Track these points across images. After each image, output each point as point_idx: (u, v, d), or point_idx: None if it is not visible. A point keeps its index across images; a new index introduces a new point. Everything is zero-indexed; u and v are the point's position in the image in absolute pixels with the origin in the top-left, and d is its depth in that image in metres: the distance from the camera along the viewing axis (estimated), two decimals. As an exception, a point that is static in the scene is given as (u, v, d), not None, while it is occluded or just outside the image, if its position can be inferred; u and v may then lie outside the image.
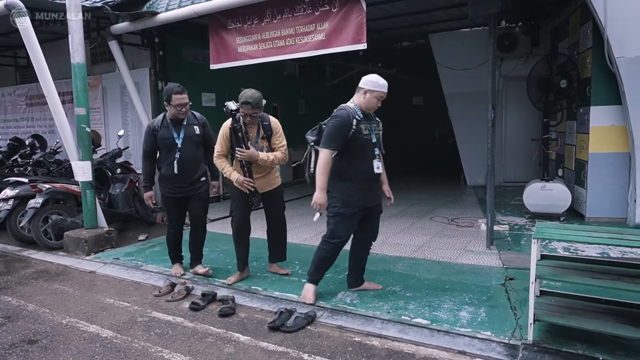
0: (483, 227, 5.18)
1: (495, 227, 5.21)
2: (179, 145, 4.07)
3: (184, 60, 7.34)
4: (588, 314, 2.80)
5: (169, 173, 4.09)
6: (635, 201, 5.06)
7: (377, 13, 7.09)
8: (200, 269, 4.32)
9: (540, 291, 3.10)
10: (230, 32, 5.67)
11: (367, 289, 3.75)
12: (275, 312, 3.35)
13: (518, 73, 7.88)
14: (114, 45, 6.39)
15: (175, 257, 4.46)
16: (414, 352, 2.84)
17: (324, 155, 3.30)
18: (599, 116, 5.41)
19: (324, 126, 3.44)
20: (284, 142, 4.01)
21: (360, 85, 3.40)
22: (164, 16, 5.82)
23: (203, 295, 3.72)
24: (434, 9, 7.34)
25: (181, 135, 4.09)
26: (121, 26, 6.15)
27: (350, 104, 3.43)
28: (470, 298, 3.51)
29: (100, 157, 6.35)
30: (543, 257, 3.09)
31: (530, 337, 2.77)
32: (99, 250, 5.21)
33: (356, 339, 3.04)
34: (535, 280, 2.77)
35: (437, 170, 11.36)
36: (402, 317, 3.24)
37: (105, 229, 5.41)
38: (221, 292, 3.83)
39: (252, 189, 3.86)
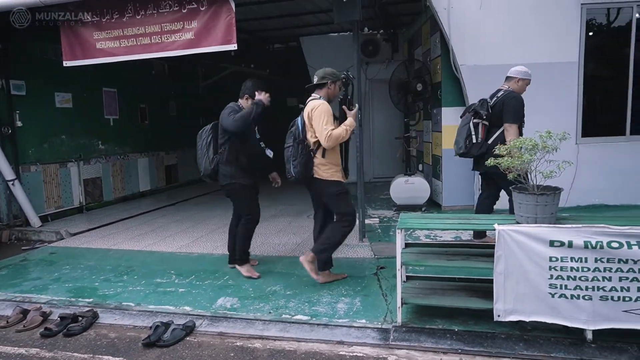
0: (356, 221, 5.49)
1: (367, 221, 5.58)
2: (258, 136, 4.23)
3: (33, 55, 6.46)
4: (446, 292, 3.16)
5: (254, 161, 4.07)
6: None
7: (247, 14, 7.08)
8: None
9: (407, 276, 3.41)
10: (86, 26, 5.15)
11: None
12: (150, 327, 3.14)
13: (382, 77, 8.52)
14: None
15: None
16: (296, 349, 2.89)
17: (516, 130, 3.89)
18: (449, 116, 6.12)
19: (486, 101, 4.06)
20: None
21: (512, 75, 4.10)
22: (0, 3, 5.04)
23: (61, 318, 3.32)
24: (303, 13, 7.57)
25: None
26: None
27: (507, 88, 4.07)
28: (346, 290, 3.70)
29: None
30: (407, 245, 3.39)
31: (399, 319, 3.02)
32: None
33: (238, 343, 3.00)
34: (401, 267, 3.03)
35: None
36: (283, 315, 3.28)
37: None
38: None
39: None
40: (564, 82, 5.67)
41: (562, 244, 2.61)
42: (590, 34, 5.81)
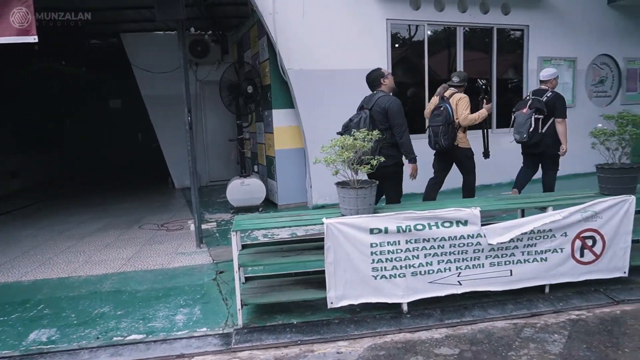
0: (192, 227, 5.31)
1: (204, 226, 5.44)
2: None
3: None
4: (283, 288, 3.27)
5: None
6: (311, 187, 6.20)
7: (51, 4, 6.22)
8: None
9: (245, 278, 3.43)
10: None
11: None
12: None
13: (212, 78, 8.37)
14: None
15: None
16: (130, 372, 2.67)
17: (565, 122, 5.02)
18: (280, 118, 6.35)
19: (541, 99, 4.99)
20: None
21: (548, 78, 5.14)
22: None
23: None
24: (124, 7, 7.00)
25: None
26: None
27: (549, 88, 5.10)
28: (185, 300, 3.54)
29: None
30: (245, 246, 3.41)
31: (240, 321, 3.02)
32: None
33: (58, 380, 2.63)
34: (239, 268, 3.03)
35: (144, 176, 10.95)
36: (114, 338, 2.98)
37: None
38: None
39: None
40: (376, 87, 6.37)
41: (379, 230, 2.94)
42: (397, 45, 6.68)
